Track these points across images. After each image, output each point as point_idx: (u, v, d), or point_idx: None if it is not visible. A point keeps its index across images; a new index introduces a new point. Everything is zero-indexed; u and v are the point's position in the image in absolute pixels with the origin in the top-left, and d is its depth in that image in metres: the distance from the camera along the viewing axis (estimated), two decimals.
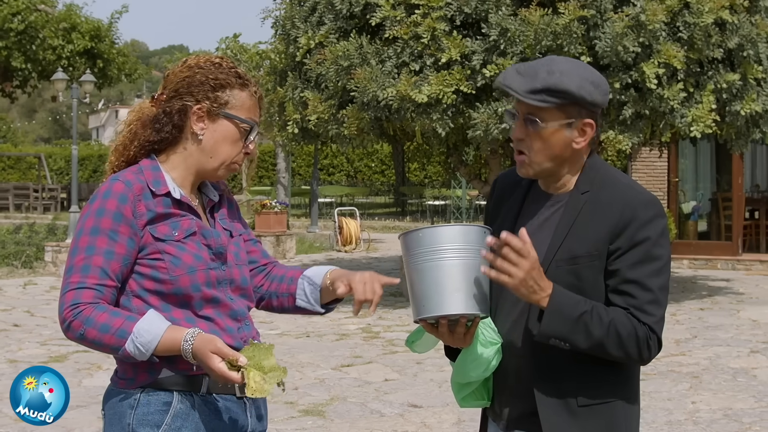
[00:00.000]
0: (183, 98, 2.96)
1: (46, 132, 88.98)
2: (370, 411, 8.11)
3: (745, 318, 13.13)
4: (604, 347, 2.84)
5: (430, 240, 2.83)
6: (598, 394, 2.91)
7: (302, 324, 12.50)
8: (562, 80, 2.84)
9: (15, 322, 12.79)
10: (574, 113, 2.88)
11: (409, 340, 3.09)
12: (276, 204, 22.14)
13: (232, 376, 2.74)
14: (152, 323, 2.77)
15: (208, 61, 3.02)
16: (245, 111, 3.00)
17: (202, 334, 2.79)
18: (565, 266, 2.89)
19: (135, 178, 2.89)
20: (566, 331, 2.81)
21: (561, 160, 2.93)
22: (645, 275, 2.86)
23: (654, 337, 2.87)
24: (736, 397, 8.59)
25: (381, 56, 12.57)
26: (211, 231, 3.00)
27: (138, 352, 2.75)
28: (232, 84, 2.98)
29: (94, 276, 2.80)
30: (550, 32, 11.74)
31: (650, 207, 2.90)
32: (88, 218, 2.85)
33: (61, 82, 24.08)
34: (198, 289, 2.90)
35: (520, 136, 2.92)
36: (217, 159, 2.99)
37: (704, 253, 19.59)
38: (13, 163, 51.48)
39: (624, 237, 2.86)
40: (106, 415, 2.94)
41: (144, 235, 2.87)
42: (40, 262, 19.03)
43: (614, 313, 2.85)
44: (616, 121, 12.51)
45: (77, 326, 2.76)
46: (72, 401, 7.65)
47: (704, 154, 20.93)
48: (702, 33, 12.17)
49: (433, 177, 42.81)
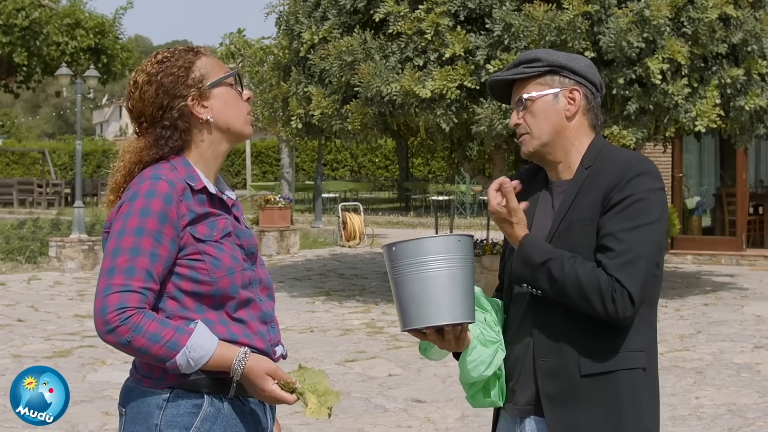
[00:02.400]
0: (175, 106, 2.90)
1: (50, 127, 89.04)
2: (374, 406, 8.11)
3: (749, 313, 13.12)
4: (565, 294, 2.89)
5: (409, 252, 2.89)
6: (599, 366, 2.93)
7: (306, 319, 12.51)
8: (534, 52, 3.10)
9: (19, 317, 12.81)
10: (556, 83, 3.05)
11: (421, 347, 3.13)
12: (280, 199, 22.14)
13: (286, 397, 2.78)
14: (205, 339, 2.74)
15: (155, 63, 2.94)
16: (219, 69, 2.97)
17: (254, 354, 2.79)
18: (565, 234, 2.97)
19: (174, 176, 2.82)
20: (531, 275, 2.94)
21: (558, 132, 3.05)
22: (621, 229, 2.90)
23: (622, 291, 2.86)
24: (740, 392, 8.59)
25: (385, 51, 12.57)
26: (243, 231, 2.98)
27: (186, 366, 2.72)
28: (191, 60, 2.94)
29: (139, 279, 2.72)
30: (554, 27, 11.73)
31: (638, 166, 2.96)
32: (131, 218, 2.76)
33: (65, 78, 24.05)
34: (236, 291, 2.86)
35: (517, 120, 3.09)
36: (235, 123, 2.96)
37: (708, 249, 19.57)
38: (17, 159, 51.54)
39: (612, 194, 2.92)
40: (128, 413, 2.87)
41: (184, 236, 2.81)
42: (44, 258, 19.04)
43: (581, 263, 2.89)
44: (621, 117, 12.50)
45: (124, 332, 2.67)
46: (76, 396, 7.68)
47: (708, 149, 20.91)
48: (706, 28, 12.16)
49: (437, 172, 42.77)
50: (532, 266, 2.92)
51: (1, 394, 8.22)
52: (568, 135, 3.05)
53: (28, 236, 20.62)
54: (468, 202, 32.36)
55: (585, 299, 2.87)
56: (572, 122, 3.05)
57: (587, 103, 3.06)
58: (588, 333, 2.93)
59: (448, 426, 7.50)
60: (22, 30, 33.37)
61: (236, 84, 3.00)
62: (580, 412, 2.93)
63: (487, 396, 3.12)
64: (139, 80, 2.92)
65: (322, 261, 20.02)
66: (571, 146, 3.05)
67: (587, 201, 2.96)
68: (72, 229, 19.32)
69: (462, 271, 2.87)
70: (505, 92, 3.15)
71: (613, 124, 12.47)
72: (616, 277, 2.86)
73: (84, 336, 11.14)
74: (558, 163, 3.08)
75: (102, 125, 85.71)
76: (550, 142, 3.05)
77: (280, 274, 17.40)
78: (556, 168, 3.09)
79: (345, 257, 20.86)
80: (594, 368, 2.93)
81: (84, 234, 18.96)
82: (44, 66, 34.99)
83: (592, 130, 3.09)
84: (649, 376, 3.02)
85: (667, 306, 13.66)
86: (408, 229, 28.53)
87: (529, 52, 3.09)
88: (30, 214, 30.01)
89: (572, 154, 3.06)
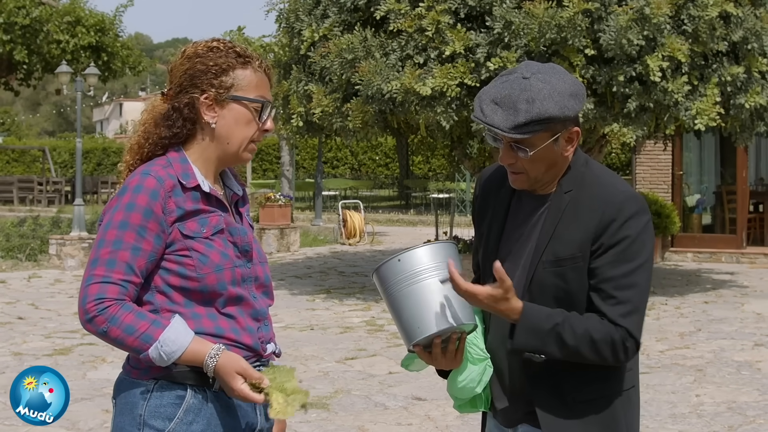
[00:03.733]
0: (188, 92, 2.92)
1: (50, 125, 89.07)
2: (374, 404, 8.11)
3: (750, 311, 13.12)
4: (579, 354, 2.86)
5: (393, 271, 2.86)
6: (595, 389, 2.93)
7: (306, 317, 12.52)
8: (544, 107, 2.82)
9: (19, 314, 12.81)
10: (559, 128, 2.88)
11: (404, 363, 3.12)
12: (280, 197, 22.14)
13: (254, 397, 2.77)
14: (179, 333, 2.76)
15: (206, 47, 2.96)
16: (252, 89, 2.96)
17: (226, 351, 2.80)
18: (551, 268, 2.91)
19: (165, 173, 2.85)
20: (540, 344, 2.85)
21: (554, 169, 2.95)
22: (621, 274, 2.86)
23: (631, 340, 2.87)
24: (740, 390, 8.59)
25: (385, 49, 12.57)
26: (237, 228, 2.98)
27: (159, 359, 2.75)
28: (233, 65, 2.93)
29: (119, 271, 2.77)
30: (554, 25, 11.73)
31: (630, 204, 2.89)
32: (117, 211, 2.82)
33: (65, 75, 24.05)
34: (224, 288, 2.88)
35: (510, 161, 2.93)
36: (234, 143, 2.95)
37: (708, 247, 19.56)
38: (17, 157, 51.53)
39: (605, 236, 2.86)
40: (117, 404, 2.92)
41: (172, 232, 2.84)
42: (45, 255, 19.04)
43: (588, 320, 2.85)
44: (621, 114, 12.50)
45: (101, 322, 2.73)
46: (76, 394, 7.69)
47: (708, 147, 20.90)
48: (706, 26, 12.16)
49: (438, 170, 42.80)
50: (541, 335, 2.84)
51: (2, 392, 8.23)
52: (562, 165, 2.96)
53: (28, 234, 20.62)
54: (468, 200, 32.34)
55: (597, 354, 2.86)
56: (566, 156, 2.95)
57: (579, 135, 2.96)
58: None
59: (448, 424, 7.50)
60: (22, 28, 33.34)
61: (261, 112, 2.98)
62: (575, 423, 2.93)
63: (473, 406, 3.13)
64: (188, 51, 2.98)
65: (323, 259, 20.03)
66: (559, 171, 2.97)
67: (574, 236, 2.89)
68: (72, 227, 19.33)
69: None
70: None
71: (613, 122, 12.47)
72: (624, 326, 2.85)
73: (84, 334, 11.13)
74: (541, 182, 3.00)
75: (102, 123, 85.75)
76: (545, 178, 2.96)
77: (280, 272, 17.41)
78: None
79: (345, 255, 20.86)
80: (588, 395, 2.93)
81: (84, 232, 18.96)
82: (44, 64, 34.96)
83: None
84: (635, 391, 3.04)
85: (667, 304, 13.67)
86: (408, 227, 28.55)
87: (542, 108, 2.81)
88: (30, 212, 30.03)
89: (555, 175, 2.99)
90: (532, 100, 2.82)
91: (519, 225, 3.01)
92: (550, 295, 2.91)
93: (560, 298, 2.90)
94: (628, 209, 2.88)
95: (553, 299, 2.90)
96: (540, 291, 2.92)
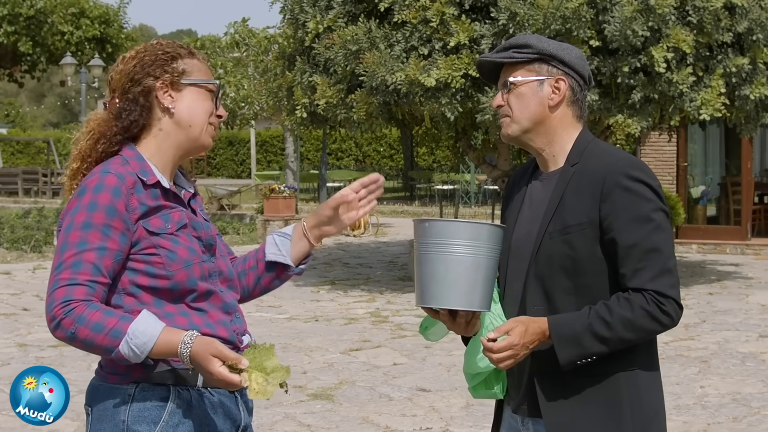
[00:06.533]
0: (142, 82, 2.88)
1: (54, 117, 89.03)
2: (379, 395, 8.12)
3: (754, 302, 13.12)
4: (624, 340, 2.86)
5: (439, 232, 2.88)
6: (596, 368, 2.91)
7: (311, 308, 12.53)
8: (525, 37, 3.06)
9: (24, 306, 12.83)
10: (544, 71, 3.02)
11: (422, 326, 3.13)
12: (285, 188, 22.14)
13: (233, 378, 2.64)
14: (148, 324, 2.67)
15: (147, 44, 2.97)
16: (203, 74, 2.96)
17: (200, 336, 2.69)
18: (558, 237, 2.93)
19: (125, 170, 2.80)
20: (580, 350, 2.85)
21: (539, 120, 3.02)
22: (638, 240, 2.86)
23: (667, 299, 2.86)
24: (744, 381, 8.59)
25: (390, 40, 12.55)
26: (200, 222, 2.94)
27: (132, 354, 2.65)
28: (181, 54, 2.94)
29: (86, 272, 2.69)
30: (559, 16, 11.71)
31: (633, 170, 2.91)
32: (79, 213, 2.74)
33: (70, 67, 24.12)
34: (194, 283, 2.83)
35: (500, 102, 3.07)
36: (196, 126, 2.92)
37: (713, 238, 19.54)
38: (21, 148, 51.58)
39: (609, 203, 2.88)
40: (94, 411, 2.85)
41: (137, 230, 2.78)
42: (49, 247, 19.06)
43: (614, 303, 2.86)
44: (625, 105, 12.49)
45: (68, 324, 2.64)
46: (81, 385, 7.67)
47: (713, 138, 20.87)
48: (711, 17, 12.13)
49: (442, 161, 42.78)
50: (577, 340, 2.84)
51: (6, 383, 8.25)
52: (551, 124, 3.02)
53: (33, 225, 20.65)
54: (473, 192, 32.35)
55: (641, 330, 2.86)
56: (555, 112, 3.01)
57: (572, 94, 3.03)
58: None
59: (452, 415, 7.51)
60: (27, 19, 33.40)
61: (214, 95, 2.98)
62: (577, 414, 2.91)
63: (489, 388, 3.12)
64: (127, 54, 2.96)
65: (327, 250, 20.03)
66: (554, 135, 3.02)
67: (579, 202, 2.91)
68: None
69: (487, 261, 2.88)
70: (493, 74, 3.12)
71: (618, 113, 12.46)
72: (652, 289, 2.85)
73: None
74: (542, 151, 3.05)
75: None
76: (532, 129, 3.02)
77: None
78: (541, 156, 3.07)
79: (350, 246, 20.87)
80: (592, 370, 2.91)
81: None
82: (49, 55, 35.02)
83: (577, 122, 3.05)
84: (648, 373, 2.99)
85: None
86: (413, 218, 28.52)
87: (521, 37, 3.07)
88: (35, 204, 30.09)
89: (556, 144, 3.03)
90: (519, 36, 3.11)
91: (533, 205, 3.05)
92: (557, 265, 2.92)
93: (567, 267, 2.92)
94: (632, 173, 2.90)
95: (560, 269, 2.92)
96: (547, 261, 2.94)
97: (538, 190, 3.07)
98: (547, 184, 3.03)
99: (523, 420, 3.06)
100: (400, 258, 18.25)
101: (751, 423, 7.35)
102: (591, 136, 3.07)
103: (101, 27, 34.90)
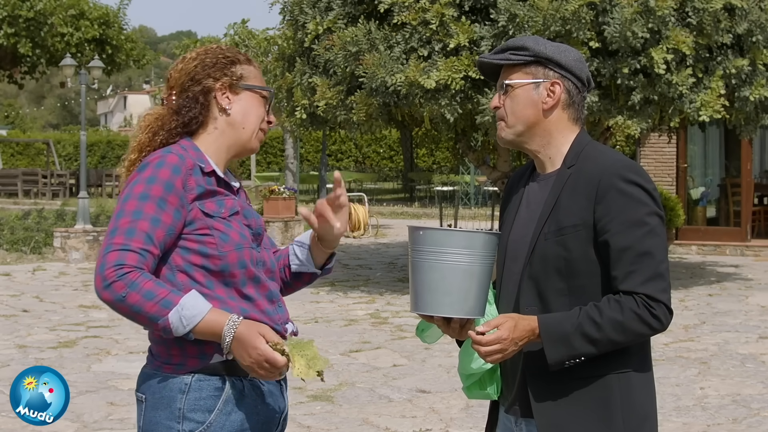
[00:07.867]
0: (202, 82, 3.02)
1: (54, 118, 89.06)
2: (379, 396, 8.12)
3: (754, 304, 13.13)
4: (614, 342, 2.86)
5: (433, 240, 2.90)
6: (588, 370, 2.90)
7: (311, 309, 12.53)
8: (523, 39, 3.06)
9: (24, 307, 12.82)
10: (540, 74, 3.02)
11: (418, 328, 3.14)
12: (284, 190, 22.14)
13: (277, 357, 2.76)
14: (198, 300, 2.77)
15: (209, 47, 3.12)
16: (258, 81, 3.11)
17: (245, 320, 2.81)
18: (553, 238, 2.93)
19: (186, 153, 2.93)
20: (569, 350, 2.85)
21: (533, 123, 3.03)
22: (631, 243, 2.86)
23: (657, 303, 2.85)
24: (744, 382, 8.59)
25: (389, 42, 12.56)
26: (251, 211, 3.08)
27: (180, 325, 2.74)
28: (240, 60, 3.09)
29: (138, 240, 2.78)
30: (558, 18, 11.72)
31: (629, 172, 2.91)
32: (138, 184, 2.85)
33: (70, 68, 24.04)
34: (244, 266, 2.92)
35: (496, 103, 3.08)
36: (248, 129, 3.06)
37: (713, 239, 19.56)
38: (21, 149, 51.55)
39: (604, 205, 2.88)
40: (148, 399, 2.92)
41: (192, 210, 2.89)
42: (49, 248, 19.04)
43: (605, 305, 2.86)
44: (625, 107, 12.50)
45: (119, 288, 2.71)
46: (81, 387, 7.70)
47: (713, 139, 20.88)
48: (711, 18, 12.14)
49: (442, 163, 42.78)
50: (566, 340, 2.84)
51: (6, 384, 8.24)
52: (546, 127, 3.02)
53: (32, 227, 20.63)
54: (472, 193, 32.35)
55: (631, 333, 2.86)
56: (550, 116, 3.01)
57: (569, 97, 3.02)
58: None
59: (452, 416, 7.51)
60: (26, 21, 33.38)
61: (267, 102, 3.13)
62: (569, 415, 2.91)
63: (482, 388, 3.13)
64: (188, 55, 3.11)
65: None
66: (550, 138, 3.02)
67: (575, 204, 2.91)
68: (77, 220, 19.33)
69: (481, 269, 2.89)
70: (494, 74, 3.13)
71: (618, 114, 12.47)
72: (643, 293, 2.84)
73: (89, 326, 11.14)
74: (538, 153, 3.06)
75: (107, 116, 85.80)
76: (525, 132, 3.03)
77: None
78: (538, 158, 3.07)
79: (349, 248, 20.87)
80: (583, 372, 2.90)
81: (89, 225, 18.97)
82: (49, 57, 34.99)
83: (574, 124, 3.05)
84: (640, 375, 2.99)
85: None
86: (412, 220, 28.53)
87: (518, 39, 3.07)
88: (35, 205, 30.07)
89: (553, 147, 3.03)
90: (517, 38, 3.11)
91: (530, 206, 3.06)
92: (551, 266, 2.92)
93: (560, 268, 2.92)
94: (628, 175, 2.90)
95: (554, 270, 2.92)
96: (541, 262, 2.94)
97: (535, 192, 3.07)
98: (544, 186, 3.04)
99: (516, 420, 3.06)
100: (400, 259, 18.25)
101: (750, 424, 7.35)
102: (588, 138, 3.07)
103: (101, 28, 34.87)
